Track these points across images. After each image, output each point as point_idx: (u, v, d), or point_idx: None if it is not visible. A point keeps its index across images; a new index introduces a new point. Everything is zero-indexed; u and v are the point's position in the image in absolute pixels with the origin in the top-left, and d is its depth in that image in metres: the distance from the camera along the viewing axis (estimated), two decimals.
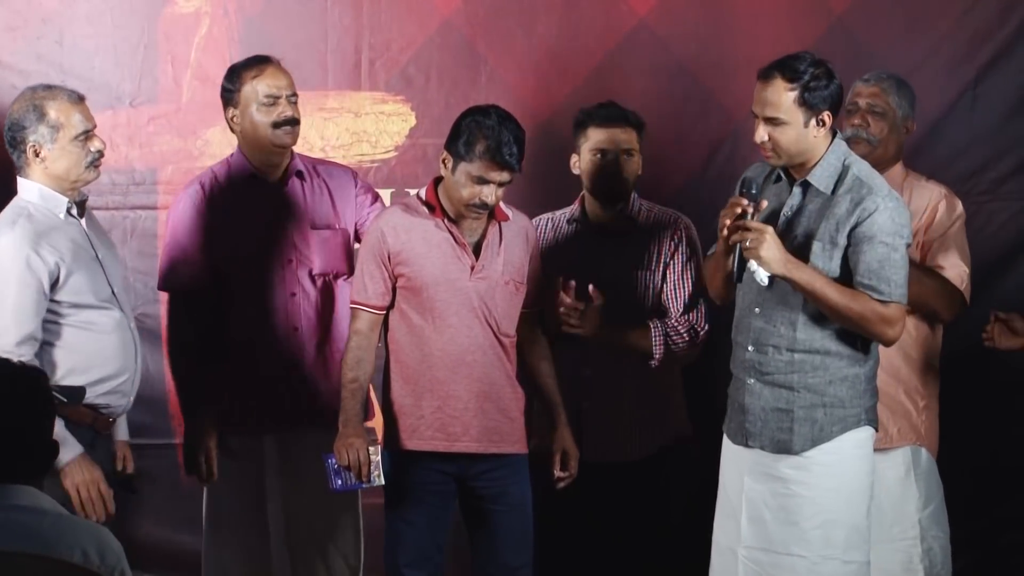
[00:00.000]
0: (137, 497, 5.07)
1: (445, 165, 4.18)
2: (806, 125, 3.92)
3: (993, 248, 4.85)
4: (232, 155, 4.52)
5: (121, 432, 4.41)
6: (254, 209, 4.45)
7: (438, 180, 4.26)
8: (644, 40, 5.20)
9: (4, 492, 3.06)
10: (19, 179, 4.19)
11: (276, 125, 4.40)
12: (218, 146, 5.14)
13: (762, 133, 3.95)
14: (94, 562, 3.01)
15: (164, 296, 4.63)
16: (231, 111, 4.46)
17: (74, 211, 4.22)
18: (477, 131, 4.11)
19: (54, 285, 4.08)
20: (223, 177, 4.49)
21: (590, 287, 4.37)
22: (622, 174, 4.53)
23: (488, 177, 4.11)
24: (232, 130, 4.50)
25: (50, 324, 4.13)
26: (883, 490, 4.53)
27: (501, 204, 4.24)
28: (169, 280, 4.50)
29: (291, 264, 4.42)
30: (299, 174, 4.49)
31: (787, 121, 3.91)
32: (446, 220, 4.21)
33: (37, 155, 4.16)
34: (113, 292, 4.24)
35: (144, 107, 5.13)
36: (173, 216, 4.51)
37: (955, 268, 4.52)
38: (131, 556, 3.32)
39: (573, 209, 4.66)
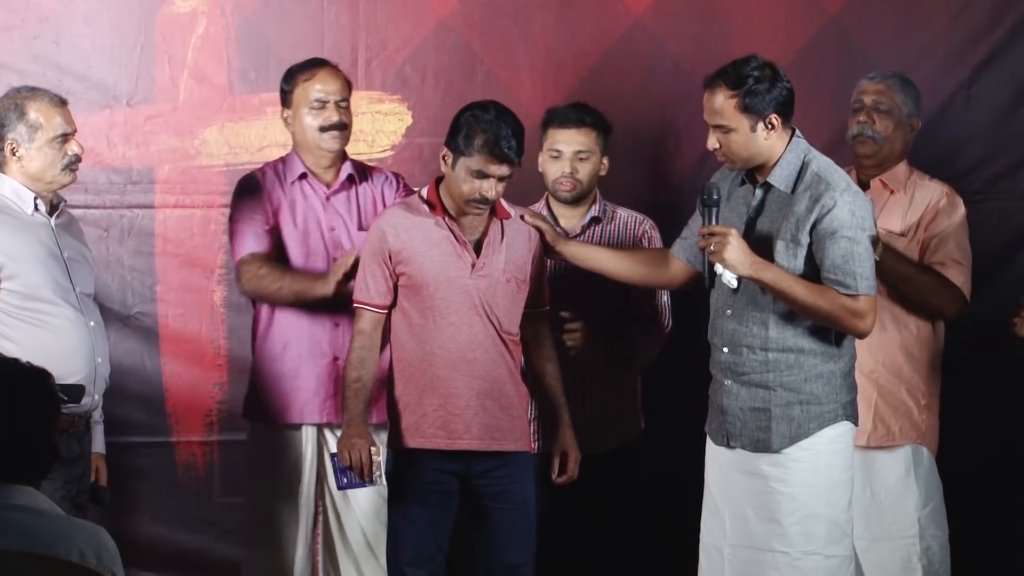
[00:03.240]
0: (134, 495, 5.12)
1: (445, 161, 4.19)
2: (753, 130, 3.95)
3: (988, 246, 4.86)
4: (287, 154, 4.56)
5: (97, 444, 4.44)
6: (306, 207, 4.48)
7: (439, 179, 4.27)
8: (640, 40, 5.21)
9: (3, 492, 3.08)
10: None
11: (323, 129, 4.43)
12: (215, 145, 5.15)
13: (712, 141, 4.01)
14: (91, 562, 3.02)
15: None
16: (285, 111, 4.50)
17: (42, 208, 4.28)
18: (475, 125, 4.12)
19: None
20: (278, 173, 4.52)
21: (562, 313, 4.45)
22: (574, 176, 4.57)
23: (487, 171, 4.12)
24: (287, 129, 4.53)
25: (2, 315, 4.18)
26: (883, 488, 4.56)
27: (503, 202, 4.24)
28: (247, 246, 4.44)
29: (336, 262, 4.42)
30: (350, 177, 4.51)
31: (733, 127, 3.96)
32: (447, 218, 4.21)
33: (14, 153, 4.25)
34: (76, 294, 4.28)
35: (141, 106, 5.13)
36: (236, 197, 4.51)
37: (954, 266, 4.53)
38: (128, 554, 3.34)
39: (540, 207, 4.68)
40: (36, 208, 4.29)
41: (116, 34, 5.11)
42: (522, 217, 4.31)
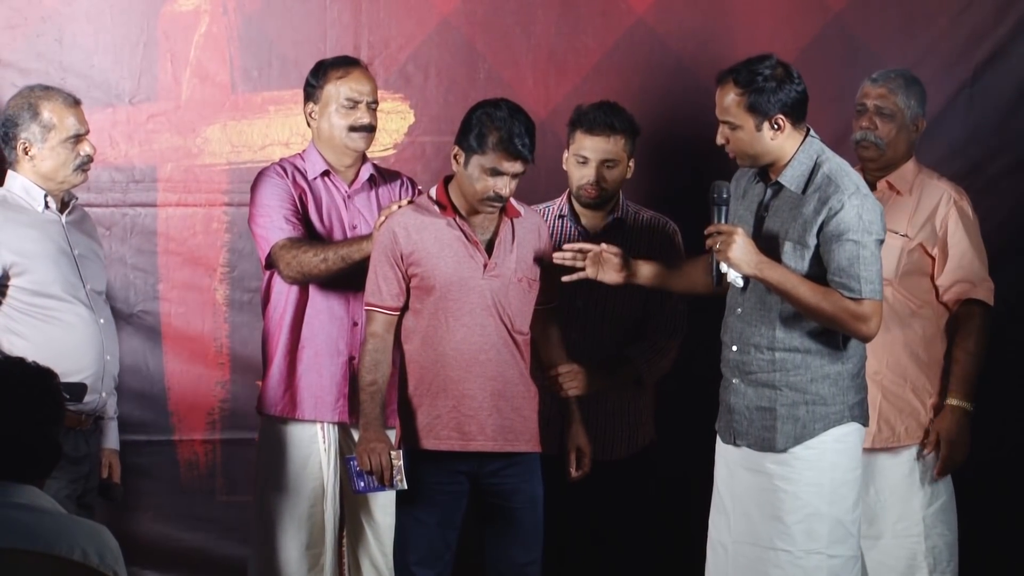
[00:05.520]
0: (136, 494, 5.12)
1: (457, 160, 4.18)
2: (758, 129, 3.96)
3: (989, 245, 4.84)
4: (304, 151, 4.54)
5: (110, 440, 4.45)
6: (329, 204, 4.48)
7: (447, 179, 4.26)
8: (642, 38, 5.21)
9: (5, 491, 3.08)
10: (8, 171, 4.31)
11: (352, 129, 4.43)
12: (217, 144, 5.15)
13: (720, 137, 4.02)
14: (93, 561, 3.02)
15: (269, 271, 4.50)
16: (310, 106, 4.48)
17: (52, 205, 4.28)
18: (488, 123, 4.11)
19: (8, 272, 4.19)
20: (299, 168, 4.50)
21: (574, 366, 4.41)
22: (601, 184, 4.54)
23: (502, 169, 4.11)
24: (308, 124, 4.52)
25: (10, 311, 4.19)
26: (888, 487, 4.56)
27: (512, 200, 4.23)
28: (280, 232, 4.38)
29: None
30: (372, 178, 4.51)
31: (739, 125, 3.97)
32: (457, 218, 4.20)
33: (27, 153, 4.27)
34: (86, 291, 4.28)
35: (143, 105, 5.13)
36: (259, 189, 4.46)
37: (981, 283, 4.58)
38: (130, 553, 3.34)
39: (561, 204, 4.67)
40: (47, 206, 4.30)
41: (119, 32, 5.12)
42: (581, 253, 4.25)
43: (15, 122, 4.27)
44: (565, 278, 4.28)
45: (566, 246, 4.29)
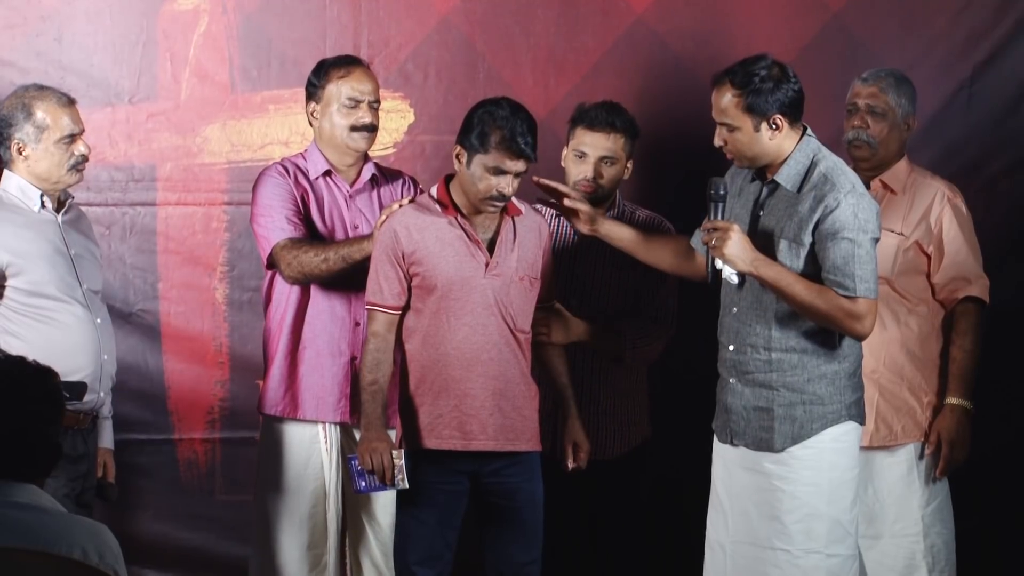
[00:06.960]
0: (136, 493, 5.12)
1: (459, 160, 4.18)
2: (756, 129, 3.96)
3: (988, 244, 4.85)
4: (307, 150, 4.54)
5: (105, 440, 4.44)
6: (331, 203, 4.48)
7: (448, 178, 4.26)
8: (641, 38, 5.21)
9: (5, 490, 3.08)
10: (4, 171, 4.31)
11: (354, 128, 4.42)
12: (217, 143, 5.16)
13: (718, 138, 4.02)
14: (93, 560, 3.02)
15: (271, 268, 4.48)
16: (312, 105, 4.47)
17: (48, 205, 4.28)
18: (490, 122, 4.11)
19: (3, 273, 4.19)
20: (301, 167, 4.49)
21: (554, 303, 4.42)
22: (598, 180, 4.54)
23: (505, 167, 4.11)
24: (310, 123, 4.52)
25: (7, 312, 4.19)
26: (885, 486, 4.56)
27: (514, 199, 4.23)
28: (281, 232, 4.38)
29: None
30: (374, 178, 4.51)
31: (737, 126, 3.98)
32: (459, 217, 4.20)
33: (21, 153, 4.27)
34: (83, 291, 4.28)
35: (143, 104, 5.13)
36: (261, 189, 4.45)
37: (977, 280, 4.58)
38: (130, 552, 3.34)
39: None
40: (43, 205, 4.30)
41: (118, 32, 5.12)
42: (561, 199, 4.28)
43: (9, 122, 4.27)
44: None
45: (544, 180, 4.31)
